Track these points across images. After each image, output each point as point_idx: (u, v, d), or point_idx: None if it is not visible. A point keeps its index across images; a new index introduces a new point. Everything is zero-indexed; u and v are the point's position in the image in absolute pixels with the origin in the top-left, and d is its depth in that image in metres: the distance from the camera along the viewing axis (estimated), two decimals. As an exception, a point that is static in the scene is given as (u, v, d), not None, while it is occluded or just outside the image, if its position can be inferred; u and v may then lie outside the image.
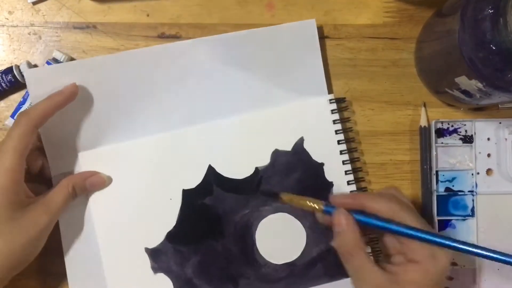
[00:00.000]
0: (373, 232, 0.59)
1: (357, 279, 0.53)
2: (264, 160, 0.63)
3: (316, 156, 0.63)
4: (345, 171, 0.63)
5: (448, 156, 0.65)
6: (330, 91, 0.64)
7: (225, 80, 0.63)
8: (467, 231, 0.65)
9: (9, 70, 0.61)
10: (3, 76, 0.61)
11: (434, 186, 0.64)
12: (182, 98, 0.62)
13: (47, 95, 0.58)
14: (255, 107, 0.63)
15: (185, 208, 0.62)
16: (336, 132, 0.63)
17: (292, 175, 0.63)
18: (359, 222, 0.53)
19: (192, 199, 0.63)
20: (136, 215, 0.62)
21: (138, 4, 0.64)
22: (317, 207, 0.54)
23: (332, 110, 0.63)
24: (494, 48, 0.49)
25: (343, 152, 0.63)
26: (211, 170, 0.63)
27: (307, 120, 0.63)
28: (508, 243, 0.64)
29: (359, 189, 0.64)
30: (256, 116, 0.63)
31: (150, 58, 0.61)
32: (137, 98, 0.62)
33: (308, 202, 0.55)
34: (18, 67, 0.61)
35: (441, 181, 0.65)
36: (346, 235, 0.52)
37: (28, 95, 0.61)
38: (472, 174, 0.65)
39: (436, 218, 0.64)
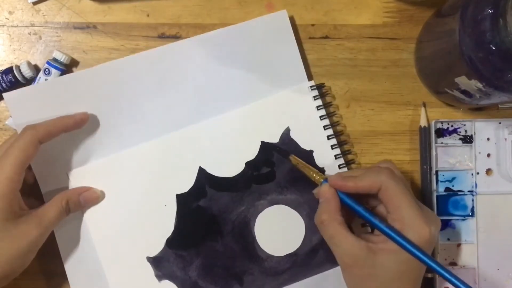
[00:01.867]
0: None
1: (332, 246, 0.54)
2: (253, 154, 0.63)
3: (305, 144, 0.64)
4: (335, 156, 0.63)
5: (448, 156, 0.65)
6: (310, 78, 0.64)
7: (205, 81, 0.63)
8: (466, 231, 0.65)
9: (9, 70, 0.61)
10: (3, 76, 0.61)
11: (434, 186, 0.64)
12: (164, 104, 0.63)
13: (30, 118, 0.59)
14: (238, 103, 0.63)
15: (181, 213, 0.63)
16: (321, 118, 0.63)
17: (283, 166, 0.63)
18: (347, 205, 0.54)
19: (186, 203, 0.63)
20: (133, 225, 0.62)
21: (138, 4, 0.64)
22: (316, 179, 0.57)
23: (314, 97, 0.63)
24: (494, 48, 0.48)
25: (330, 137, 0.63)
26: (202, 172, 0.63)
27: (291, 110, 0.64)
28: (508, 243, 0.65)
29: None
30: (240, 112, 0.63)
31: (128, 68, 0.62)
32: (119, 111, 0.62)
33: (310, 172, 0.58)
34: (18, 67, 0.61)
35: (441, 181, 0.65)
36: (323, 205, 0.54)
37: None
38: (472, 174, 0.65)
39: (436, 218, 0.64)
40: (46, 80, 0.61)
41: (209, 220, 0.63)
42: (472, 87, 0.54)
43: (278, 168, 0.63)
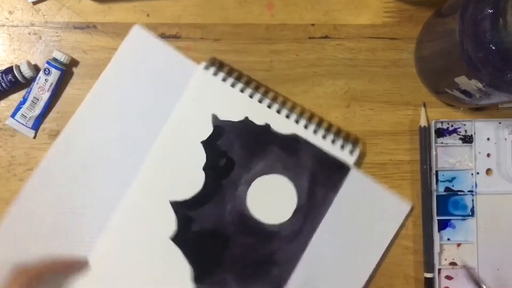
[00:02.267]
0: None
1: None
2: (203, 159, 0.63)
3: (240, 117, 0.64)
4: (277, 111, 0.63)
5: (448, 156, 0.65)
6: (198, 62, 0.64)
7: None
8: (466, 231, 0.65)
9: (9, 70, 0.61)
10: (3, 76, 0.61)
11: (434, 186, 0.64)
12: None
13: None
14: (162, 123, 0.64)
15: (185, 250, 0.63)
16: (233, 85, 0.63)
17: (234, 147, 0.64)
18: None
19: (184, 239, 0.63)
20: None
21: (138, 4, 0.64)
22: None
23: (213, 73, 0.63)
24: (494, 48, 0.48)
25: (262, 100, 0.63)
26: (175, 205, 0.63)
27: (203, 98, 0.63)
28: (508, 243, 0.65)
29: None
30: (167, 131, 0.63)
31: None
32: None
33: None
34: (18, 67, 0.61)
35: (441, 181, 0.65)
36: None
37: (28, 94, 0.62)
38: (472, 174, 0.65)
39: (436, 218, 0.64)
40: (46, 80, 0.61)
41: (212, 236, 0.63)
42: (472, 87, 0.54)
43: (231, 152, 0.63)
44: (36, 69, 0.63)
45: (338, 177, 0.63)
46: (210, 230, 0.63)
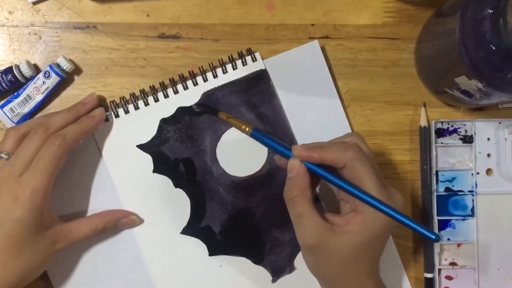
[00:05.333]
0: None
1: (297, 225, 0.53)
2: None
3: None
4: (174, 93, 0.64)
5: (448, 156, 0.65)
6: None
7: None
8: (467, 231, 0.65)
9: (9, 70, 0.61)
10: (3, 76, 0.61)
11: (434, 186, 0.64)
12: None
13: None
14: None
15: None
16: (126, 112, 0.63)
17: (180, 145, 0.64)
18: (313, 172, 0.53)
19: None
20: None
21: (138, 4, 0.64)
22: (246, 130, 0.59)
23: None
24: (494, 48, 0.48)
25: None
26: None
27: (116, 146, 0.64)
28: (508, 243, 0.65)
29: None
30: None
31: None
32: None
33: (239, 125, 0.59)
34: (18, 66, 0.61)
35: (441, 181, 0.65)
36: (292, 181, 0.53)
37: (23, 90, 0.62)
38: (472, 174, 0.65)
39: (436, 218, 0.64)
40: (43, 82, 0.61)
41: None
42: (472, 87, 0.54)
43: (179, 154, 0.64)
44: (36, 68, 0.63)
45: (265, 84, 0.64)
46: (228, 219, 0.64)
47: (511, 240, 0.65)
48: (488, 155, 0.65)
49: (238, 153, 0.64)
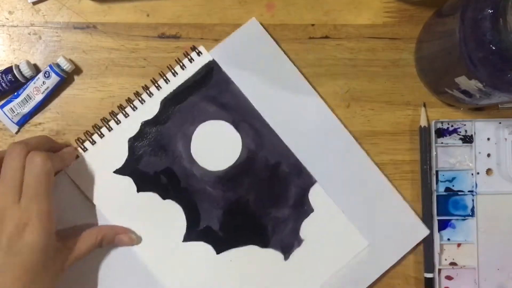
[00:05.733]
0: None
1: None
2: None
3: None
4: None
5: (448, 156, 0.65)
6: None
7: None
8: (467, 231, 0.65)
9: (9, 70, 0.61)
10: (3, 76, 0.61)
11: (434, 186, 0.64)
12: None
13: None
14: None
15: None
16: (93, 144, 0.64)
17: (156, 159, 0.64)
18: None
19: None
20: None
21: (138, 4, 0.64)
22: None
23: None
24: (494, 48, 0.48)
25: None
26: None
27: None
28: (508, 243, 0.65)
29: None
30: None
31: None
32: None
33: None
34: (17, 66, 0.61)
35: (441, 181, 0.65)
36: None
37: (23, 90, 0.62)
38: (472, 174, 0.65)
39: (436, 218, 0.64)
40: (43, 82, 0.61)
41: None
42: (472, 87, 0.54)
43: (156, 167, 0.64)
44: (36, 68, 0.63)
45: (218, 74, 0.64)
46: (224, 216, 0.64)
47: (511, 240, 0.65)
48: (488, 155, 0.65)
49: (213, 148, 0.64)
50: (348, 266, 0.64)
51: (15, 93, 0.62)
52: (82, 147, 0.62)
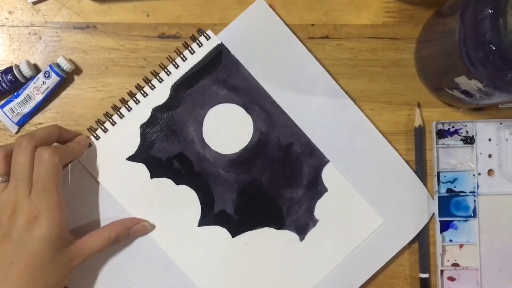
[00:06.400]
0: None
1: None
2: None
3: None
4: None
5: (449, 157, 0.65)
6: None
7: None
8: (469, 232, 0.65)
9: (9, 70, 0.61)
10: (3, 76, 0.61)
11: (436, 187, 0.64)
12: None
13: None
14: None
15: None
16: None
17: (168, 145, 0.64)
18: None
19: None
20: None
21: (138, 4, 0.64)
22: None
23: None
24: (494, 48, 0.48)
25: None
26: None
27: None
28: (510, 243, 0.65)
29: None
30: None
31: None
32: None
33: None
34: (17, 66, 0.61)
35: (443, 182, 0.65)
36: None
37: (23, 90, 0.62)
38: (474, 175, 0.65)
39: (438, 219, 0.64)
40: (43, 82, 0.62)
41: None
42: (472, 87, 0.53)
43: (169, 152, 0.64)
44: (36, 68, 0.63)
45: (226, 57, 0.64)
46: (238, 197, 0.64)
47: (513, 240, 0.65)
48: (490, 155, 0.65)
49: (225, 131, 0.64)
50: (363, 244, 0.64)
51: (15, 93, 0.62)
52: (95, 135, 0.63)
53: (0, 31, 0.63)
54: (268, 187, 0.64)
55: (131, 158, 0.63)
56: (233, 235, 0.64)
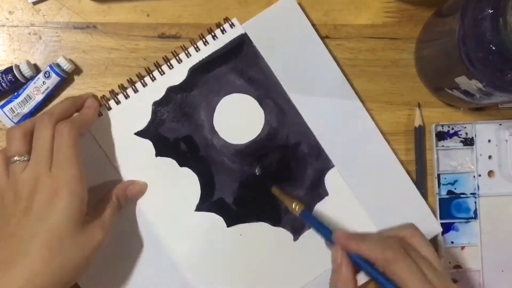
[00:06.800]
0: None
1: None
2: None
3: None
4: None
5: (449, 159, 0.65)
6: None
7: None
8: (470, 233, 0.65)
9: (9, 70, 0.61)
10: (3, 76, 0.61)
11: (436, 189, 0.64)
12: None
13: None
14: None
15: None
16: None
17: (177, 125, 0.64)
18: (354, 262, 0.53)
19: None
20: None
21: (138, 4, 0.64)
22: (296, 209, 0.58)
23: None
24: (494, 48, 0.48)
25: None
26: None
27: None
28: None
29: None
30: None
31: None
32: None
33: (291, 203, 0.58)
34: (18, 66, 0.61)
35: (443, 184, 0.65)
36: (335, 275, 0.53)
37: (23, 90, 0.62)
38: (474, 177, 0.65)
39: (439, 221, 0.64)
40: (44, 82, 0.62)
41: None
42: (472, 87, 0.53)
43: (177, 133, 0.64)
44: (36, 68, 0.63)
45: (248, 48, 0.64)
46: (239, 188, 0.64)
47: (514, 241, 0.65)
48: (489, 157, 0.65)
49: (236, 121, 0.64)
50: None
51: (15, 93, 0.62)
52: (107, 105, 0.62)
53: (0, 31, 0.63)
54: (270, 182, 0.64)
55: (140, 134, 0.63)
56: (228, 225, 0.64)
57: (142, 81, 0.63)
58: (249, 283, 0.64)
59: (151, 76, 0.63)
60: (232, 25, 0.63)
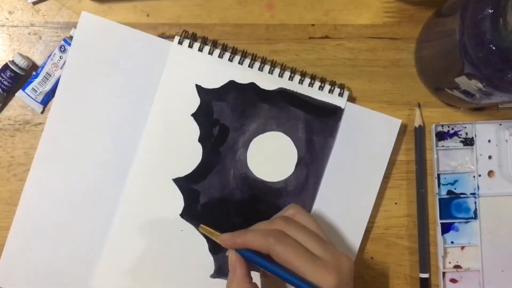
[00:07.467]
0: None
1: None
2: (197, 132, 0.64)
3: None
4: (259, 69, 0.63)
5: (449, 159, 0.65)
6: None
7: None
8: (470, 233, 0.65)
9: (5, 67, 0.61)
10: (2, 74, 0.61)
11: (437, 189, 0.64)
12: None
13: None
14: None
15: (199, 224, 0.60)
16: (211, 53, 0.63)
17: (224, 114, 0.64)
18: (249, 259, 0.53)
19: (193, 212, 0.64)
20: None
21: (138, 4, 0.64)
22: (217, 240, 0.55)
23: (189, 45, 0.63)
24: (494, 48, 0.48)
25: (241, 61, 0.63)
26: (179, 181, 0.64)
27: (183, 72, 0.63)
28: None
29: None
30: (156, 111, 0.63)
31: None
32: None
33: (217, 237, 0.55)
34: (12, 61, 0.61)
35: (443, 184, 0.65)
36: (230, 275, 0.53)
37: (41, 69, 0.62)
38: (474, 177, 0.65)
39: (439, 221, 0.64)
40: (60, 57, 0.62)
41: (221, 204, 0.64)
42: (472, 87, 0.53)
43: (223, 119, 0.63)
44: (34, 66, 0.63)
45: (333, 121, 0.63)
46: (217, 199, 0.64)
47: (514, 241, 0.65)
48: (489, 157, 0.65)
49: (268, 157, 0.64)
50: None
51: (34, 73, 0.62)
52: (201, 47, 0.63)
53: (0, 31, 0.63)
54: (244, 218, 0.64)
55: (199, 89, 0.63)
56: (181, 215, 0.64)
57: (232, 55, 0.63)
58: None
59: (241, 60, 0.63)
60: (341, 94, 0.63)
